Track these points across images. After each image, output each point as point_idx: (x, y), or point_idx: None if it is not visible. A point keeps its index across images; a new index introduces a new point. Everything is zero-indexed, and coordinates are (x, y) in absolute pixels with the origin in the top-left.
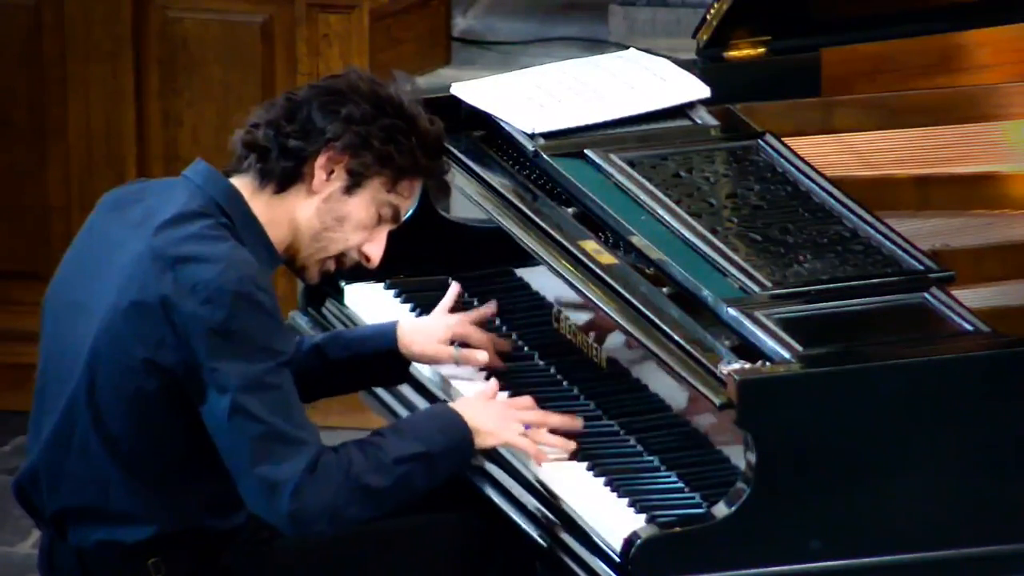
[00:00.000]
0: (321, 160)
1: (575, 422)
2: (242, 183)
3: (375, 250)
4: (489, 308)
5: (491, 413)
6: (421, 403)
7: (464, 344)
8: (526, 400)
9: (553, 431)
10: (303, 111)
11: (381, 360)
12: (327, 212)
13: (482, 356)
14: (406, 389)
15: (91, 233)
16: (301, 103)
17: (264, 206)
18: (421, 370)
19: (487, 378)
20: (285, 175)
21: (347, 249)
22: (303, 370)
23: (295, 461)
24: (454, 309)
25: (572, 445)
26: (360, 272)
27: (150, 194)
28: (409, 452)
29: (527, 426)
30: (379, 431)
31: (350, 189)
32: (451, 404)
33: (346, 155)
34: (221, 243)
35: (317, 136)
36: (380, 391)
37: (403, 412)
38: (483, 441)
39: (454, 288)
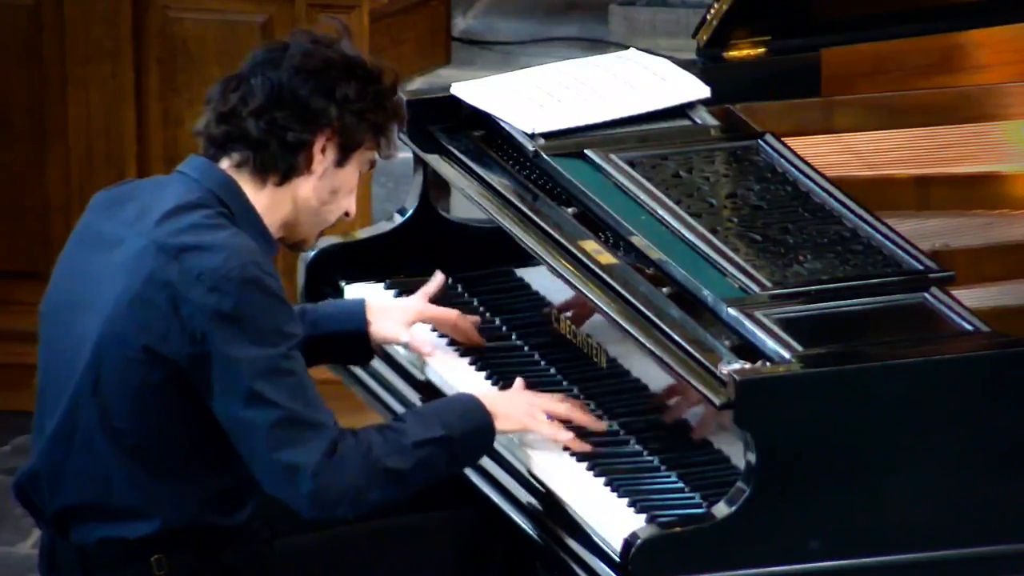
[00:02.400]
0: (319, 143)
1: (598, 424)
2: (237, 173)
3: (352, 204)
4: (436, 281)
5: (514, 400)
6: (415, 397)
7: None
8: (555, 396)
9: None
10: (290, 95)
11: (348, 340)
12: (323, 188)
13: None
14: (397, 381)
15: (85, 235)
16: (283, 87)
17: (265, 195)
18: (398, 350)
19: (461, 355)
20: (289, 167)
21: (339, 216)
22: None
23: (314, 444)
24: (438, 300)
25: (587, 447)
26: (360, 272)
27: (142, 192)
28: (429, 436)
29: (549, 418)
30: (399, 416)
31: (342, 160)
32: (475, 393)
33: (342, 133)
34: (222, 231)
35: (313, 120)
36: (375, 387)
37: (394, 403)
38: (503, 425)
39: (437, 278)
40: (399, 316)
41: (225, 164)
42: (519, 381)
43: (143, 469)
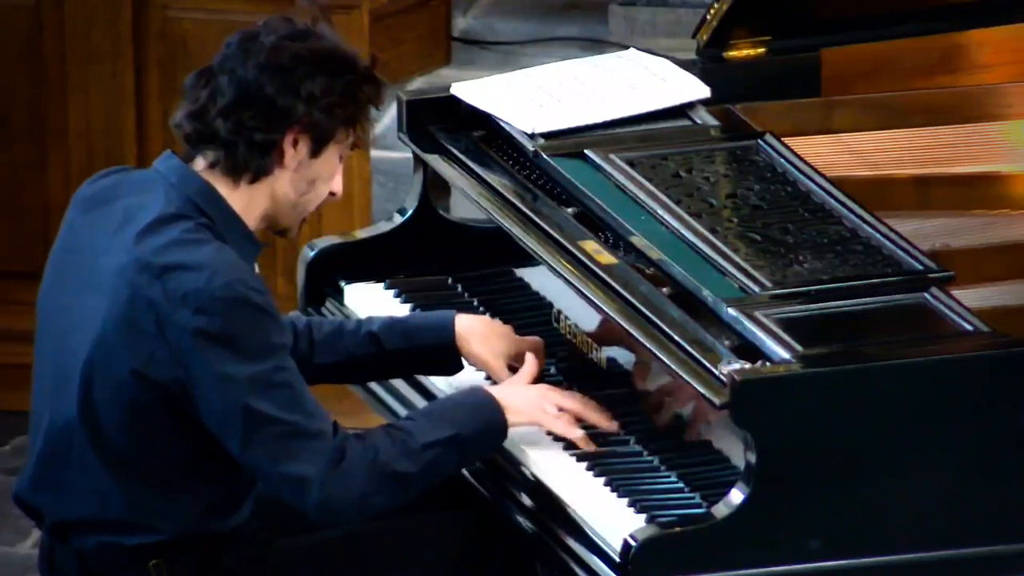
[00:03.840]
0: (288, 139)
1: (611, 424)
2: (212, 175)
3: (339, 185)
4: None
5: (526, 394)
6: (415, 397)
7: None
8: (569, 393)
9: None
10: (256, 93)
11: (438, 352)
12: (299, 180)
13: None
14: (406, 389)
15: (71, 235)
16: (250, 85)
17: (239, 195)
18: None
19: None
20: (260, 167)
21: (324, 199)
22: (359, 358)
23: (319, 454)
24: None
25: (593, 447)
26: (360, 272)
27: (125, 191)
28: (439, 436)
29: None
30: (410, 415)
31: (316, 152)
32: (486, 386)
33: (312, 128)
34: (205, 247)
35: (280, 120)
36: (379, 391)
37: (394, 403)
38: (514, 418)
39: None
40: (503, 347)
41: (200, 164)
42: (531, 367)
43: (138, 484)
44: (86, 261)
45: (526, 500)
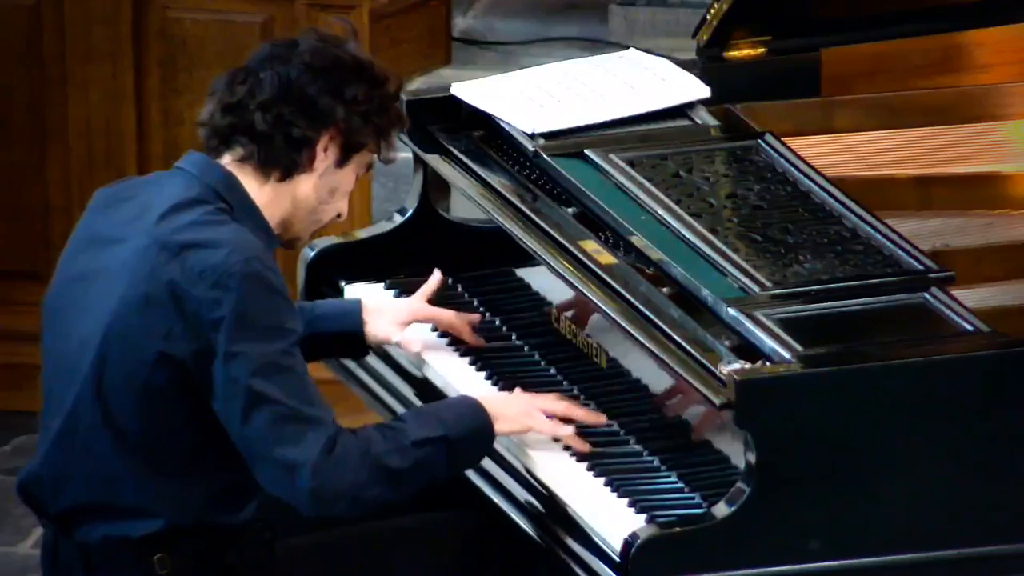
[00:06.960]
0: (323, 141)
1: (599, 417)
2: (239, 169)
3: (346, 206)
4: (435, 280)
5: (513, 402)
6: (414, 397)
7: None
8: (551, 396)
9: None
10: (299, 91)
11: (344, 340)
12: (322, 187)
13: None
14: (397, 381)
15: (85, 235)
16: (292, 83)
17: (266, 192)
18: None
19: (461, 355)
20: (292, 163)
21: (335, 215)
22: None
23: (313, 441)
24: (436, 299)
25: (587, 447)
26: (360, 272)
27: (142, 190)
28: (429, 435)
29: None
30: (399, 416)
31: (342, 162)
32: (475, 396)
33: (346, 133)
34: (224, 227)
35: (319, 119)
36: (375, 387)
37: (394, 403)
38: (503, 427)
39: (436, 276)
40: (393, 316)
41: (227, 159)
42: (518, 390)
43: (147, 468)
44: (103, 251)
45: (526, 500)
